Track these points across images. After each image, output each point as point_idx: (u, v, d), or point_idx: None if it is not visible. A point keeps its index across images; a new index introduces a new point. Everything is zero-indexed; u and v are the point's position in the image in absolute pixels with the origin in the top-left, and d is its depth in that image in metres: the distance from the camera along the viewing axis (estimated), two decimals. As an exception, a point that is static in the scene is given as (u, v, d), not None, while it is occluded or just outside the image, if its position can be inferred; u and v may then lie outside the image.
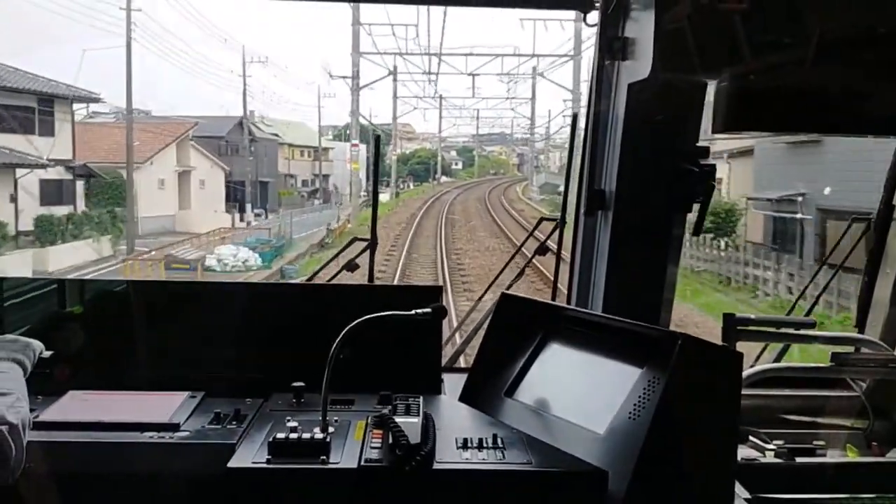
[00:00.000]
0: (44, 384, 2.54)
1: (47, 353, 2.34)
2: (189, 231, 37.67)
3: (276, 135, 59.61)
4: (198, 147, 46.78)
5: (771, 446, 2.91)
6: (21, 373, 2.15)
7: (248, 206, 49.66)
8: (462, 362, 3.48)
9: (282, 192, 56.28)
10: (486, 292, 3.79)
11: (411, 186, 76.38)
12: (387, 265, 23.09)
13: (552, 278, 3.56)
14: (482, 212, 46.92)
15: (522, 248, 3.91)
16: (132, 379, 2.74)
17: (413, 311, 2.51)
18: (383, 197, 50.55)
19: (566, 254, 3.40)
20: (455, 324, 4.15)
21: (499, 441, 2.29)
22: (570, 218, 3.36)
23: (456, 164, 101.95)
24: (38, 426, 2.32)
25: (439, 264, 24.41)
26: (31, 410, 2.37)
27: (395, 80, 54.12)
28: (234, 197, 49.96)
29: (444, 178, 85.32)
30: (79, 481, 2.22)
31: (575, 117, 3.39)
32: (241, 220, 46.34)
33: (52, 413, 2.45)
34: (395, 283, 18.85)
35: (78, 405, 2.53)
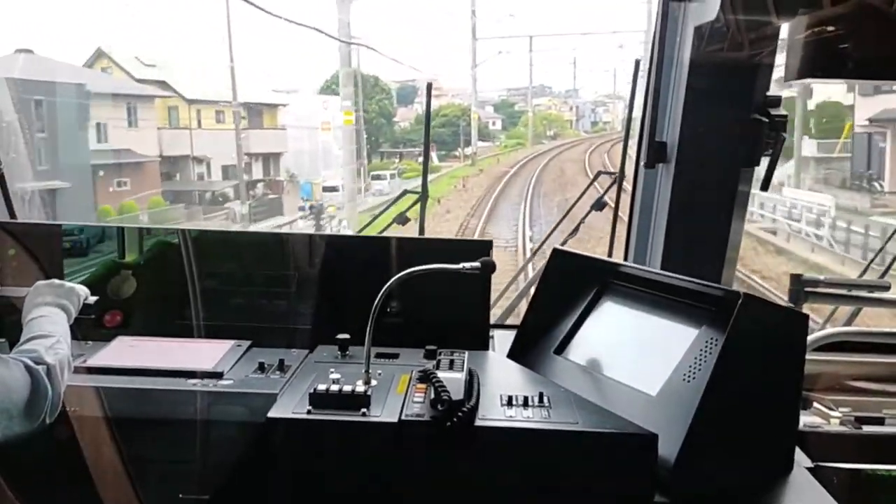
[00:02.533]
0: (93, 330, 2.58)
1: (92, 299, 2.34)
2: None
3: (164, 82, 33.58)
4: None
5: (836, 414, 2.76)
6: (64, 317, 2.15)
7: None
8: (513, 319, 3.40)
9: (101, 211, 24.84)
10: (541, 246, 3.68)
11: (435, 160, 52.46)
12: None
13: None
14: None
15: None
16: (181, 326, 2.76)
17: (461, 265, 2.43)
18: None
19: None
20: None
21: (545, 399, 2.21)
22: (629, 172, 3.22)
23: (494, 123, 76.55)
24: (86, 371, 2.35)
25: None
26: (80, 356, 2.42)
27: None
28: None
29: (480, 145, 59.33)
30: (122, 426, 2.24)
31: (637, 64, 3.21)
32: None
33: (100, 358, 2.48)
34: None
35: (125, 351, 2.55)
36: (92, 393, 2.23)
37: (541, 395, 2.22)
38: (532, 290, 3.51)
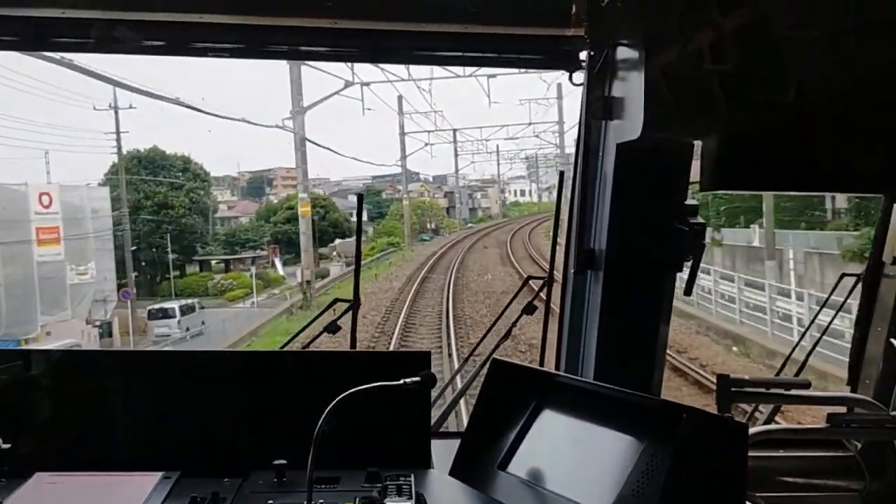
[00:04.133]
0: (8, 464, 2.39)
1: (6, 446, 2.16)
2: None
3: None
4: None
5: None
6: None
7: None
8: (447, 426, 3.36)
9: None
10: (468, 358, 3.69)
11: (279, 267, 39.94)
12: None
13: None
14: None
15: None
16: (103, 457, 2.58)
17: (402, 381, 2.39)
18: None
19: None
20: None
21: None
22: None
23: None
24: None
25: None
26: None
27: None
28: None
29: (339, 243, 46.04)
30: None
31: (562, 175, 3.35)
32: None
33: (18, 501, 2.28)
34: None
35: (45, 491, 2.36)
36: None
37: None
38: (463, 400, 3.49)
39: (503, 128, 58.09)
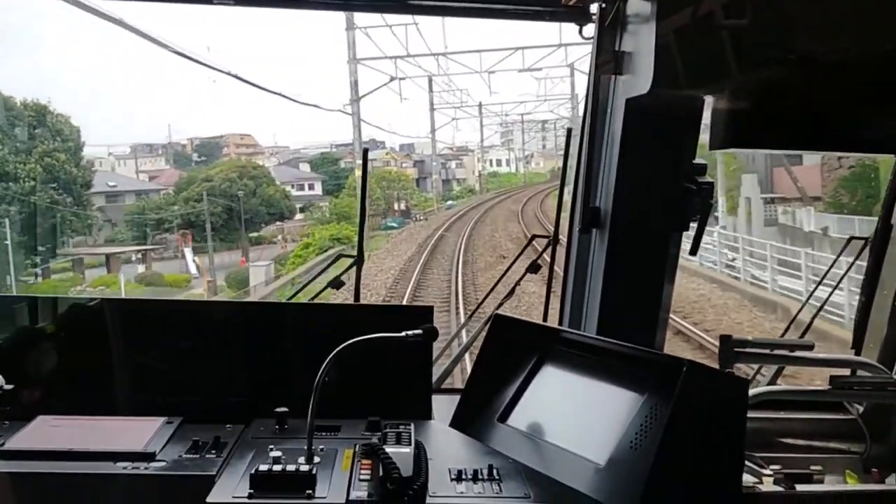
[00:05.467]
0: (10, 407, 2.41)
1: (9, 387, 2.18)
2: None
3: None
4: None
5: (768, 472, 2.83)
6: None
7: None
8: (450, 383, 3.37)
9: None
10: (475, 312, 3.68)
11: (193, 259, 31.62)
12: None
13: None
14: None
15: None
16: (105, 402, 2.60)
17: (404, 333, 2.40)
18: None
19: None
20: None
21: (494, 472, 2.18)
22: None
23: (311, 186, 52.10)
24: (4, 455, 2.18)
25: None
26: None
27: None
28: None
29: (285, 226, 40.44)
30: None
31: (569, 132, 3.31)
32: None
33: (20, 441, 2.31)
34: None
35: (47, 432, 2.38)
36: (13, 481, 2.07)
37: (490, 468, 2.19)
38: (467, 355, 3.50)
39: (517, 51, 35.29)
